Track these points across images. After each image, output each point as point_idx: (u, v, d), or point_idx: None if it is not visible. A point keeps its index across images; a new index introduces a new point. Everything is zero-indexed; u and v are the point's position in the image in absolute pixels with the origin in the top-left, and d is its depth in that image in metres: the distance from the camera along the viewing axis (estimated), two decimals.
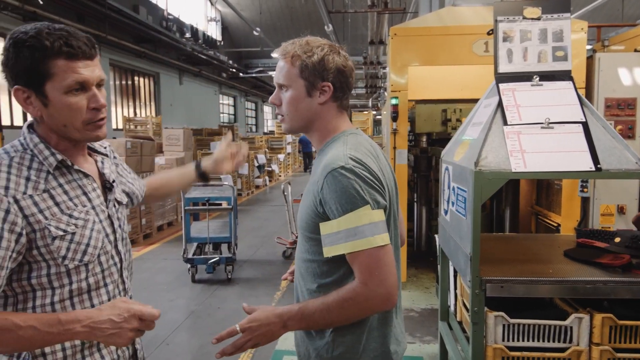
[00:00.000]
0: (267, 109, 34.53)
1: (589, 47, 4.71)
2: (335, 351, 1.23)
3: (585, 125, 1.85)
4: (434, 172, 5.10)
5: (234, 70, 22.79)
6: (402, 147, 4.48)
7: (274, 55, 1.43)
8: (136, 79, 16.21)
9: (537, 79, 1.99)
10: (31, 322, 0.97)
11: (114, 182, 1.26)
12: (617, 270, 1.86)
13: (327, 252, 1.17)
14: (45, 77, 1.03)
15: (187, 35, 18.06)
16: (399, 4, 11.01)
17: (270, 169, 14.39)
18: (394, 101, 4.39)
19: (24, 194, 1.02)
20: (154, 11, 16.23)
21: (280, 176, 15.81)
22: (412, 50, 4.34)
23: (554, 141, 1.84)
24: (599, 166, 1.75)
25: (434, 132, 5.11)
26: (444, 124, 4.89)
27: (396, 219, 1.32)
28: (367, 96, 26.43)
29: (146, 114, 16.48)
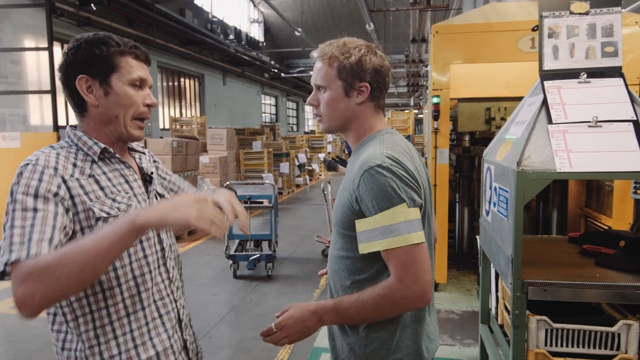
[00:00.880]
0: (308, 109, 34.72)
1: None
2: (368, 347, 1.25)
3: (636, 123, 1.77)
4: (477, 171, 4.99)
5: (276, 70, 23.07)
6: (444, 146, 4.41)
7: (314, 54, 1.44)
8: (182, 80, 16.73)
9: (585, 75, 1.92)
10: (86, 242, 0.94)
11: (152, 174, 1.32)
12: None
13: (363, 248, 1.19)
14: (113, 69, 1.16)
15: (231, 37, 18.43)
16: (441, 1, 10.81)
17: (310, 168, 14.49)
18: (435, 100, 4.32)
19: (71, 176, 1.10)
20: (199, 14, 16.68)
21: (320, 175, 15.89)
22: (454, 48, 4.26)
23: (602, 140, 1.77)
24: None
25: (477, 131, 4.99)
26: (488, 122, 4.77)
27: (430, 218, 1.32)
28: (409, 95, 26.10)
29: (191, 114, 16.99)
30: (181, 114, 16.28)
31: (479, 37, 4.20)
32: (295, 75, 24.69)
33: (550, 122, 1.85)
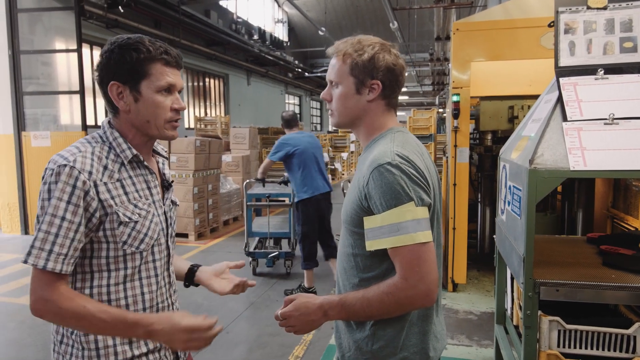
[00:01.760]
0: None
1: None
2: (374, 345, 1.25)
3: None
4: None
5: (300, 70, 23.18)
6: (464, 145, 4.36)
7: (329, 51, 1.45)
8: (207, 80, 16.99)
9: (602, 72, 1.88)
10: (103, 316, 1.11)
11: (173, 182, 1.39)
12: None
13: (370, 245, 1.20)
14: (143, 76, 1.19)
15: (255, 37, 18.60)
16: None
17: (333, 167, 14.49)
18: (455, 98, 4.28)
19: (101, 180, 1.16)
20: (224, 15, 16.90)
21: (343, 174, 15.87)
22: (475, 45, 4.20)
23: (619, 138, 1.73)
24: None
25: (500, 130, 4.90)
26: (511, 121, 4.68)
27: (439, 217, 1.32)
28: (435, 93, 25.79)
29: (216, 113, 17.24)
30: (206, 114, 16.53)
31: (500, 34, 4.13)
32: (319, 74, 24.73)
33: (565, 119, 1.82)
